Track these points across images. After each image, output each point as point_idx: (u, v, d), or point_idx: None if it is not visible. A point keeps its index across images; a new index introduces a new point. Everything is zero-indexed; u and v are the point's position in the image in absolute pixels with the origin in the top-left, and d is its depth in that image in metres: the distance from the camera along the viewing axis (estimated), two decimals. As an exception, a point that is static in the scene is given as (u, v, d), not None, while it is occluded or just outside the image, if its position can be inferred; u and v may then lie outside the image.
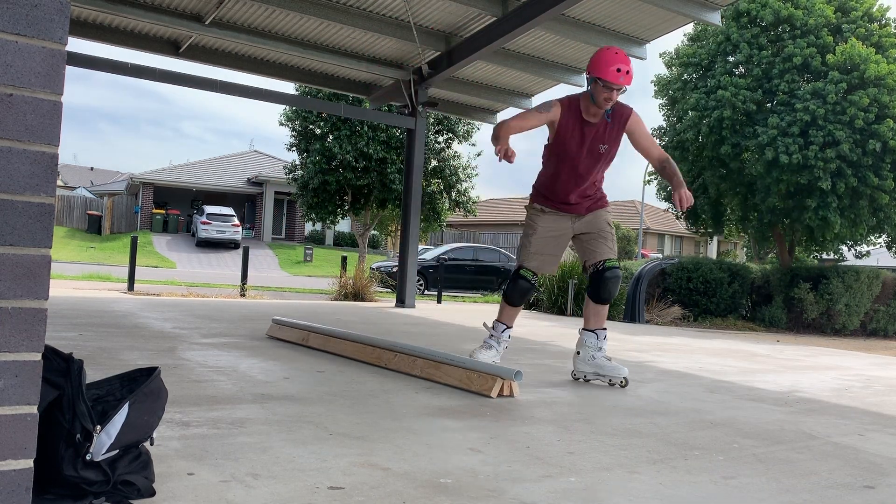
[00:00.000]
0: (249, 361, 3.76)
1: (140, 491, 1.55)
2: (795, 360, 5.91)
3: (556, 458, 2.16)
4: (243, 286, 11.86)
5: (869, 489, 2.04)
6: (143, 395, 1.56)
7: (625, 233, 34.75)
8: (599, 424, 2.70)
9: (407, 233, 9.76)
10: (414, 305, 9.72)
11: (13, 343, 1.20)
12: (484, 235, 35.69)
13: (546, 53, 9.19)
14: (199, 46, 9.30)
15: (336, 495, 1.70)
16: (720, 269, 12.60)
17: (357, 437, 2.27)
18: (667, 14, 7.77)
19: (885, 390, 4.23)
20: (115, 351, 3.85)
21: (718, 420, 2.95)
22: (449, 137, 20.33)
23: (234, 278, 16.28)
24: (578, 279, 10.83)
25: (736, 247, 37.40)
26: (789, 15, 13.45)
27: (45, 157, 1.22)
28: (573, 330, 7.68)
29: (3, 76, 1.18)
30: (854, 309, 12.67)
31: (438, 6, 8.17)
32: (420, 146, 9.73)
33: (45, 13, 1.21)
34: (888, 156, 12.45)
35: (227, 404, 2.64)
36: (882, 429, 2.97)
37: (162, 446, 1.99)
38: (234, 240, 30.74)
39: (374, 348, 3.91)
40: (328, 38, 9.00)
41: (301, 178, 19.80)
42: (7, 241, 1.19)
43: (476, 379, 3.19)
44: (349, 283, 11.29)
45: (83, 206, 34.44)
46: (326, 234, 36.08)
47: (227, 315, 6.64)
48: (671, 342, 6.97)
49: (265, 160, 39.62)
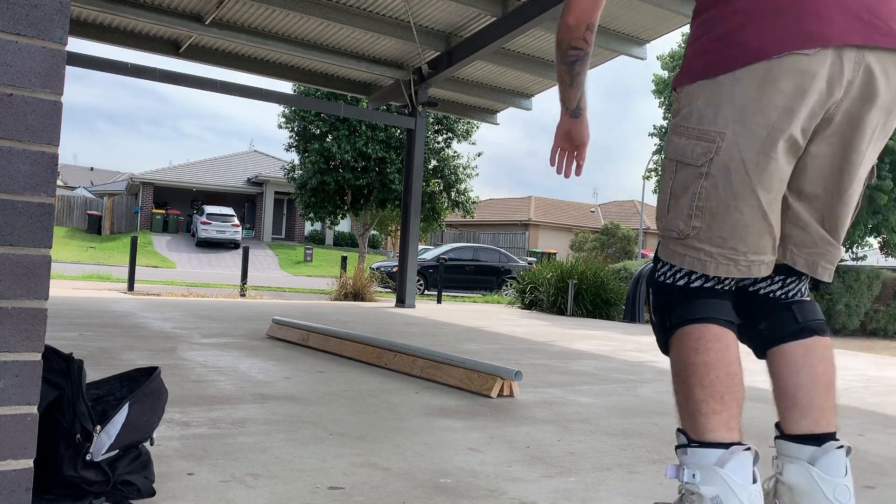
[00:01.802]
0: (249, 361, 3.76)
1: (140, 491, 1.55)
2: (795, 360, 5.90)
3: (556, 458, 2.16)
4: (243, 286, 11.86)
5: (869, 489, 2.04)
6: (143, 395, 1.56)
7: (625, 233, 34.75)
8: (599, 424, 2.70)
9: (407, 233, 9.76)
10: (414, 305, 9.72)
11: (13, 343, 1.20)
12: (484, 235, 35.72)
13: (546, 53, 9.19)
14: (199, 46, 9.30)
15: (336, 495, 1.70)
16: (720, 269, 12.61)
17: (357, 437, 2.27)
18: (667, 14, 7.78)
19: (885, 390, 4.23)
20: (115, 351, 3.85)
21: (718, 420, 2.95)
22: (449, 137, 20.35)
23: (234, 278, 16.28)
24: (578, 279, 10.82)
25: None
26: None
27: (45, 157, 1.22)
28: (573, 330, 7.68)
29: (3, 76, 1.18)
30: (854, 309, 12.68)
31: (438, 6, 8.17)
32: (420, 146, 9.73)
33: (45, 13, 1.21)
34: (887, 156, 12.46)
35: (227, 404, 2.64)
36: (882, 429, 2.97)
37: (162, 446, 1.99)
38: (234, 240, 30.75)
39: (374, 348, 3.91)
40: (328, 38, 9.00)
41: (300, 177, 19.81)
42: (7, 241, 1.19)
43: (476, 379, 3.19)
44: (349, 283, 11.30)
45: (83, 206, 34.44)
46: (326, 234, 36.09)
47: (227, 315, 6.63)
48: (671, 342, 6.96)
49: (265, 160, 39.62)
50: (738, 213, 1.26)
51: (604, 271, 11.47)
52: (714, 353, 1.29)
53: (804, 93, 1.20)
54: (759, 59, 1.20)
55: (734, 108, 1.23)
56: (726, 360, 1.29)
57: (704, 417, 1.28)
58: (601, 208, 46.74)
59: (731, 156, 1.24)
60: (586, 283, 10.81)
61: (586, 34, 1.45)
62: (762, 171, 1.24)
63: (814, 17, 1.18)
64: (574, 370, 4.25)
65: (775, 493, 1.40)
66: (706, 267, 1.30)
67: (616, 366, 4.62)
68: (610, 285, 10.97)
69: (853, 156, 1.27)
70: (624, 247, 33.75)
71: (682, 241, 1.31)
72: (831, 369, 1.38)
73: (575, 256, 23.78)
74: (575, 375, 4.03)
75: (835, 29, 1.18)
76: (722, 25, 1.25)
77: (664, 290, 1.36)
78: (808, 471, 1.33)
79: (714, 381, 1.28)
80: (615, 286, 11.07)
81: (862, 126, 1.25)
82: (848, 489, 1.32)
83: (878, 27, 1.20)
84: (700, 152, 1.26)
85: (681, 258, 1.32)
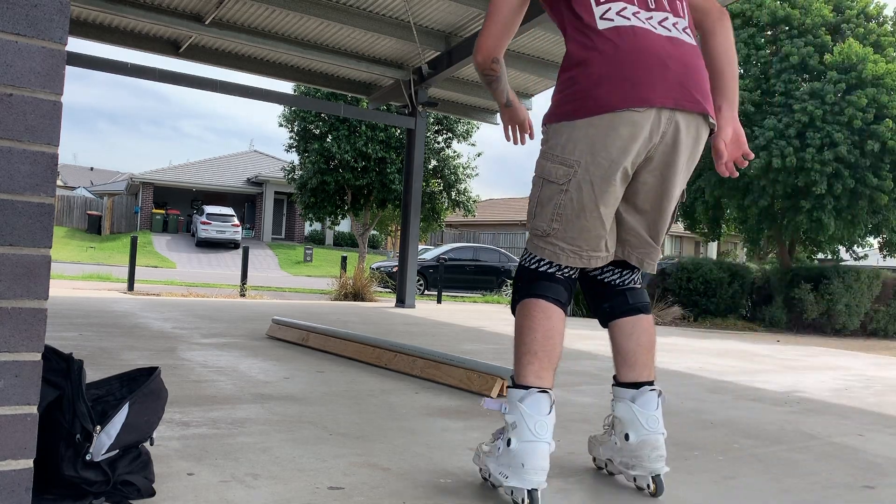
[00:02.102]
0: (249, 361, 3.76)
1: (140, 491, 1.55)
2: (795, 360, 5.91)
3: (556, 458, 2.16)
4: (243, 286, 11.86)
5: (869, 489, 2.04)
6: (143, 395, 1.56)
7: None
8: (599, 424, 2.69)
9: (407, 233, 9.76)
10: (414, 305, 9.72)
11: (13, 343, 1.20)
12: (484, 235, 35.70)
13: (546, 53, 9.19)
14: (199, 46, 9.30)
15: (336, 495, 1.70)
16: (720, 269, 12.59)
17: (357, 437, 2.27)
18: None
19: (885, 390, 4.23)
20: (115, 351, 3.85)
21: (719, 420, 2.95)
22: (449, 137, 20.34)
23: (233, 278, 16.28)
24: (578, 279, 10.82)
25: (736, 247, 37.39)
26: (786, 15, 13.45)
27: (45, 157, 1.22)
28: (573, 330, 7.68)
29: (3, 76, 1.18)
30: (854, 309, 12.67)
31: (438, 6, 8.17)
32: (420, 146, 9.73)
33: (45, 13, 1.21)
34: (887, 156, 12.44)
35: (227, 404, 2.64)
36: (882, 429, 2.97)
37: (162, 446, 1.99)
38: (234, 240, 30.75)
39: (374, 348, 3.91)
40: (328, 38, 9.00)
41: (300, 178, 19.80)
42: (7, 241, 1.19)
43: (476, 379, 3.19)
44: (349, 283, 11.30)
45: (83, 206, 34.44)
46: (326, 234, 36.09)
47: (227, 315, 6.63)
48: (671, 342, 6.97)
49: (265, 160, 39.63)
50: (584, 220, 1.71)
51: (604, 271, 11.44)
52: (538, 320, 1.73)
53: (635, 138, 1.66)
54: (607, 111, 1.65)
55: (587, 144, 1.67)
56: (546, 327, 1.73)
57: (521, 366, 1.72)
58: (601, 208, 46.67)
59: (583, 178, 1.69)
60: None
61: (493, 65, 1.87)
62: (604, 192, 1.69)
63: (646, 86, 1.65)
64: (574, 370, 4.25)
65: (612, 425, 1.92)
66: (559, 258, 1.75)
67: (616, 366, 4.62)
68: (610, 285, 10.95)
69: (669, 184, 1.75)
70: (624, 247, 33.66)
71: (544, 238, 1.75)
72: (652, 338, 1.90)
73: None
74: (575, 375, 4.03)
75: (657, 96, 1.65)
76: (582, 83, 1.68)
77: (523, 271, 1.82)
78: (629, 407, 1.85)
79: (533, 340, 1.72)
80: (615, 286, 11.06)
81: (674, 163, 1.73)
82: (657, 419, 1.83)
83: (686, 96, 1.68)
84: (562, 174, 1.71)
85: (541, 251, 1.77)
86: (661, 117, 1.66)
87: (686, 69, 1.71)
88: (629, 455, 1.84)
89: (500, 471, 1.69)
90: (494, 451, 1.74)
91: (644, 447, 1.81)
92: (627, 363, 1.88)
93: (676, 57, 1.70)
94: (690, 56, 1.73)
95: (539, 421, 1.66)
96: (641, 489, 1.87)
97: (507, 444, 1.68)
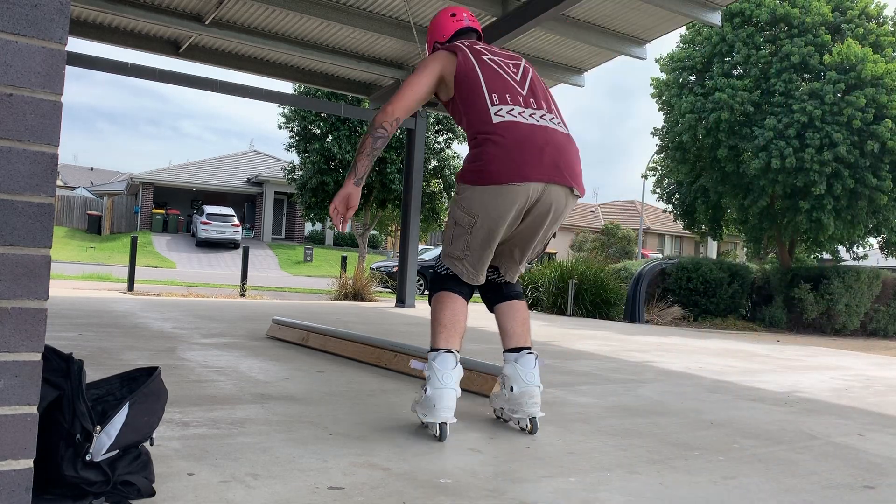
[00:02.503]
0: (249, 361, 3.76)
1: (140, 491, 1.55)
2: (795, 360, 5.91)
3: (556, 458, 2.16)
4: (243, 286, 11.86)
5: (869, 489, 2.04)
6: (143, 395, 1.56)
7: (625, 233, 34.73)
8: (599, 424, 2.69)
9: (407, 233, 9.76)
10: (414, 305, 9.72)
11: (13, 343, 1.20)
12: (484, 235, 35.64)
13: (546, 53, 9.19)
14: (199, 46, 9.30)
15: (336, 495, 1.70)
16: (720, 269, 12.59)
17: (357, 437, 2.27)
18: (667, 14, 7.77)
19: (885, 390, 4.23)
20: (115, 351, 3.85)
21: (718, 420, 2.95)
22: (449, 137, 20.35)
23: (233, 278, 16.28)
24: (579, 279, 10.82)
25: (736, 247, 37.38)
26: (786, 14, 13.44)
27: (45, 157, 1.22)
28: (573, 330, 7.69)
29: (3, 76, 1.18)
30: (854, 309, 12.67)
31: (439, 6, 8.16)
32: (420, 146, 9.73)
33: (45, 13, 1.21)
34: (887, 156, 12.44)
35: (227, 404, 2.64)
36: (882, 429, 2.97)
37: (162, 446, 1.99)
38: (234, 240, 30.74)
39: (374, 348, 3.91)
40: (328, 38, 8.99)
41: (300, 178, 19.81)
42: (7, 241, 1.19)
43: (476, 379, 3.18)
44: (349, 283, 11.30)
45: (83, 206, 34.44)
46: (326, 234, 36.08)
47: (227, 315, 6.63)
48: (671, 342, 6.97)
49: (265, 160, 39.62)
50: (480, 253, 2.42)
51: (604, 271, 11.47)
52: (447, 305, 2.42)
53: (515, 202, 2.29)
54: (497, 183, 2.27)
55: (482, 204, 2.32)
56: (453, 309, 2.41)
57: (435, 335, 2.37)
58: (601, 208, 46.74)
59: (481, 227, 2.35)
60: (586, 283, 10.82)
61: (394, 123, 2.38)
62: (492, 238, 2.37)
63: (527, 166, 2.27)
64: (574, 370, 4.25)
65: (503, 382, 2.50)
66: (464, 276, 2.47)
67: (616, 366, 4.62)
68: (610, 285, 10.97)
69: (536, 233, 2.43)
70: (624, 247, 33.74)
71: (459, 260, 2.44)
72: (525, 315, 2.56)
73: (575, 256, 23.77)
74: (575, 375, 4.03)
75: (535, 173, 2.27)
76: (482, 158, 2.31)
77: (437, 275, 2.53)
78: (514, 366, 2.44)
79: (443, 317, 2.39)
80: (615, 286, 11.07)
81: (543, 221, 2.39)
82: (535, 375, 2.41)
83: (558, 173, 2.31)
84: (467, 221, 2.37)
85: (455, 266, 2.47)
86: (537, 189, 2.28)
87: (559, 153, 2.33)
88: (514, 403, 2.43)
89: (422, 411, 2.29)
90: (419, 398, 2.33)
91: (523, 396, 2.40)
92: (508, 335, 2.52)
93: (553, 143, 2.32)
94: (563, 143, 2.37)
95: (446, 373, 2.25)
96: (524, 429, 2.47)
97: (425, 392, 2.27)
